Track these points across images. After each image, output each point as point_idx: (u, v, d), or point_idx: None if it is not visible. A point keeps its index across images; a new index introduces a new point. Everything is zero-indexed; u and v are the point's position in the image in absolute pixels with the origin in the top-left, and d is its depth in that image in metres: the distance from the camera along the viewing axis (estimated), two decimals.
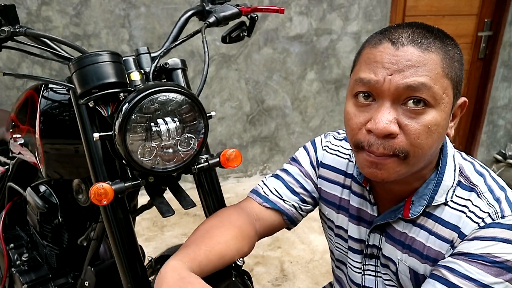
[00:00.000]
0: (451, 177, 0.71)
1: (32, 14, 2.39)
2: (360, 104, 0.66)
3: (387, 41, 0.62)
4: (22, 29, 0.70)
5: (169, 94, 0.66)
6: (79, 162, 0.83)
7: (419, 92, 0.60)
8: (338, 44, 2.92)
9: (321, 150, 0.90)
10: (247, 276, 0.81)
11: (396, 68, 0.60)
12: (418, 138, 0.62)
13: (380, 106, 0.63)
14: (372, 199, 0.79)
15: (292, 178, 0.88)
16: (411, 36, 0.62)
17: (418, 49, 0.60)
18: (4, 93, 2.57)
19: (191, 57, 2.67)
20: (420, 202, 0.71)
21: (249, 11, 0.93)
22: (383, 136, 0.62)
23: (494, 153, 3.48)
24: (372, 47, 0.65)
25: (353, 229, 0.84)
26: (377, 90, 0.63)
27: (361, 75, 0.64)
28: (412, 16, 2.93)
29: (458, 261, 0.65)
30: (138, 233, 2.29)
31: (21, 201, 1.24)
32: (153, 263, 0.88)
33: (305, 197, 0.88)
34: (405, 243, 0.74)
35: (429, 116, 0.61)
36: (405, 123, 0.62)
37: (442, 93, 0.61)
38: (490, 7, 3.06)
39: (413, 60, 0.60)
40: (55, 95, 0.85)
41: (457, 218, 0.68)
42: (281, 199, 0.86)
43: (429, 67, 0.60)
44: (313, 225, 2.47)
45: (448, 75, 0.62)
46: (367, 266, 0.84)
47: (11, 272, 1.14)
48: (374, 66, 0.63)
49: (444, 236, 0.69)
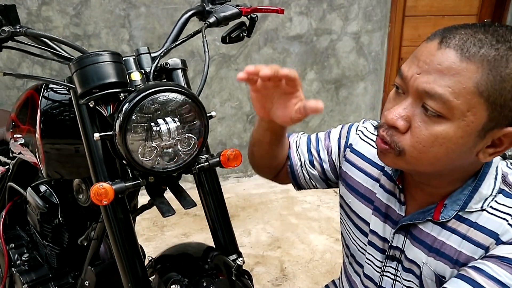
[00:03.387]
0: (491, 186, 0.67)
1: (32, 14, 2.39)
2: (395, 95, 0.66)
3: (438, 38, 0.59)
4: (22, 29, 0.70)
5: (169, 94, 0.67)
6: (80, 162, 0.83)
7: (432, 101, 0.57)
8: (338, 44, 2.92)
9: (355, 134, 0.89)
10: (247, 276, 0.81)
11: (426, 68, 0.58)
12: (420, 143, 0.61)
13: (404, 100, 0.63)
14: (402, 198, 0.77)
15: (316, 141, 0.93)
16: (463, 40, 0.56)
17: (458, 55, 0.55)
18: (4, 93, 2.57)
19: (191, 57, 2.67)
20: (453, 206, 0.68)
21: (249, 11, 0.93)
22: (389, 126, 0.64)
23: None
24: (425, 41, 0.62)
25: (378, 225, 0.81)
26: (406, 85, 0.62)
27: (402, 66, 0.64)
28: (412, 16, 2.94)
29: (487, 263, 0.62)
30: (138, 233, 2.29)
31: (22, 201, 1.24)
32: (153, 263, 0.88)
33: (315, 161, 0.92)
34: (432, 246, 0.71)
35: (441, 128, 0.58)
36: (416, 125, 0.61)
37: (465, 110, 0.56)
38: (490, 7, 3.06)
39: (444, 65, 0.56)
40: (55, 95, 0.85)
41: (497, 224, 0.64)
42: (296, 150, 0.94)
43: (458, 79, 0.55)
44: (313, 225, 2.47)
45: (483, 94, 0.55)
46: (387, 268, 0.81)
47: (11, 272, 1.14)
48: (413, 61, 0.61)
49: (478, 241, 0.66)
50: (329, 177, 0.93)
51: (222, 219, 0.85)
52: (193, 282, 0.78)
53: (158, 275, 0.83)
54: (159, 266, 0.86)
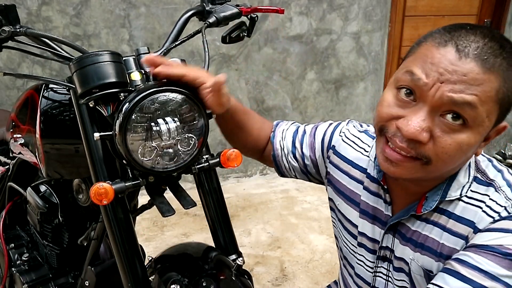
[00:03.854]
0: (466, 173, 0.69)
1: (32, 14, 2.39)
2: (400, 98, 0.63)
3: (453, 45, 0.58)
4: (22, 29, 0.70)
5: (169, 94, 0.67)
6: (80, 162, 0.83)
7: (461, 110, 0.57)
8: (338, 44, 2.92)
9: (338, 135, 0.90)
10: (247, 276, 0.81)
11: (450, 77, 0.57)
12: (446, 153, 0.60)
13: (418, 109, 0.60)
14: (388, 199, 0.78)
15: (302, 135, 0.94)
16: (480, 49, 0.57)
17: (480, 66, 0.56)
18: (4, 93, 2.57)
19: (191, 57, 2.67)
20: (434, 197, 0.70)
21: (249, 11, 0.93)
22: (409, 139, 0.61)
23: (494, 153, 3.49)
24: (434, 46, 0.60)
25: (366, 226, 0.82)
26: (422, 92, 0.60)
27: (414, 69, 0.60)
28: (412, 16, 2.94)
29: (468, 253, 0.63)
30: (138, 233, 2.29)
31: (22, 201, 1.24)
32: (153, 263, 0.88)
33: (297, 154, 0.94)
34: (417, 242, 0.73)
35: (464, 135, 0.59)
36: (438, 135, 0.60)
37: (485, 117, 0.58)
38: (490, 7, 3.06)
39: (469, 76, 0.56)
40: (55, 95, 0.85)
41: (472, 213, 0.66)
42: (282, 140, 0.95)
43: (483, 88, 0.56)
44: (313, 225, 2.47)
45: (500, 100, 0.58)
46: (379, 268, 0.82)
47: (11, 272, 1.14)
48: (429, 67, 0.59)
49: (458, 232, 0.67)
50: (310, 172, 0.95)
51: (222, 219, 0.84)
52: (193, 282, 0.77)
53: (158, 275, 0.83)
54: (159, 266, 0.86)
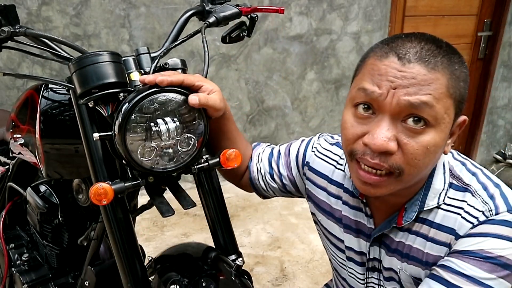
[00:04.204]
0: (441, 180, 0.70)
1: (32, 14, 2.39)
2: (359, 115, 0.64)
3: (394, 55, 0.60)
4: (22, 29, 0.70)
5: (169, 94, 0.67)
6: (79, 162, 0.83)
7: (420, 111, 0.59)
8: (338, 44, 2.92)
9: (310, 151, 0.90)
10: (247, 276, 0.81)
11: (401, 83, 0.59)
12: (415, 158, 0.61)
13: (379, 121, 0.61)
14: (368, 212, 0.78)
15: (277, 156, 0.95)
16: (418, 53, 0.60)
17: (425, 67, 0.59)
18: (4, 93, 2.57)
19: (191, 57, 2.67)
20: (412, 208, 0.71)
21: (249, 11, 0.93)
22: (378, 152, 0.61)
23: (493, 153, 3.48)
24: (377, 59, 0.62)
25: (352, 241, 0.83)
26: (379, 103, 0.61)
27: (365, 85, 0.62)
28: (412, 16, 2.93)
29: (451, 259, 0.65)
30: (138, 233, 2.29)
31: (21, 201, 1.24)
32: (153, 263, 0.88)
33: (275, 175, 0.94)
34: (403, 252, 0.74)
35: (428, 136, 0.60)
36: (404, 141, 0.61)
37: (443, 113, 0.60)
38: (490, 7, 3.06)
39: (418, 78, 0.58)
40: (55, 95, 0.85)
41: (452, 220, 0.68)
42: (258, 162, 0.95)
43: (434, 87, 0.59)
44: (313, 225, 2.45)
45: (452, 95, 0.61)
46: (370, 279, 0.83)
47: (11, 272, 1.14)
48: (379, 78, 0.61)
49: (441, 240, 0.69)
50: (290, 190, 0.95)
51: (222, 219, 0.84)
52: (193, 282, 0.77)
53: (158, 275, 0.83)
54: (159, 266, 0.86)
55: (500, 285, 0.62)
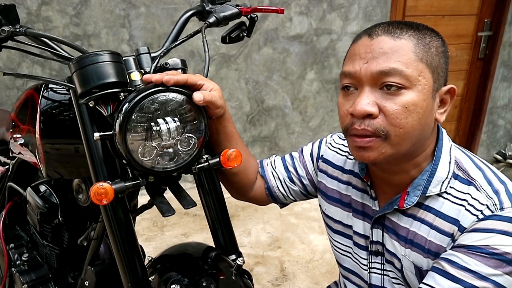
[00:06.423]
0: (446, 169, 0.72)
1: (32, 14, 2.39)
2: (346, 94, 0.72)
3: (365, 34, 0.69)
4: (22, 29, 0.70)
5: (169, 94, 0.67)
6: (79, 162, 0.83)
7: (391, 77, 0.65)
8: (338, 44, 2.92)
9: (324, 146, 0.97)
10: (247, 276, 0.81)
11: (371, 56, 0.66)
12: (397, 118, 0.65)
13: (360, 92, 0.68)
14: (373, 194, 0.81)
15: (291, 159, 0.99)
16: (386, 28, 0.68)
17: (390, 37, 0.66)
18: (4, 93, 2.57)
19: (191, 57, 2.67)
20: (415, 192, 0.73)
21: (249, 11, 0.93)
22: (362, 116, 0.67)
23: (494, 153, 3.49)
24: (354, 43, 0.72)
25: (358, 224, 0.85)
26: (357, 79, 0.68)
27: (344, 68, 0.71)
28: (412, 16, 2.93)
29: (457, 253, 0.66)
30: (138, 233, 2.29)
31: (21, 201, 1.24)
32: (153, 263, 0.88)
33: (294, 177, 0.97)
34: (407, 238, 0.75)
35: (406, 96, 0.65)
36: (384, 104, 0.66)
37: (417, 76, 0.65)
38: (490, 7, 3.06)
39: (385, 48, 0.65)
40: (55, 95, 0.85)
41: (456, 211, 0.69)
42: (273, 170, 0.98)
43: (401, 53, 0.65)
44: (313, 225, 2.47)
45: (422, 59, 0.65)
46: (373, 264, 0.84)
47: (11, 272, 1.14)
48: (354, 58, 0.69)
49: (444, 229, 0.70)
50: (310, 192, 0.99)
51: (222, 219, 0.85)
52: (193, 282, 0.77)
53: (158, 275, 0.83)
54: (159, 266, 0.86)
55: (505, 281, 0.63)
